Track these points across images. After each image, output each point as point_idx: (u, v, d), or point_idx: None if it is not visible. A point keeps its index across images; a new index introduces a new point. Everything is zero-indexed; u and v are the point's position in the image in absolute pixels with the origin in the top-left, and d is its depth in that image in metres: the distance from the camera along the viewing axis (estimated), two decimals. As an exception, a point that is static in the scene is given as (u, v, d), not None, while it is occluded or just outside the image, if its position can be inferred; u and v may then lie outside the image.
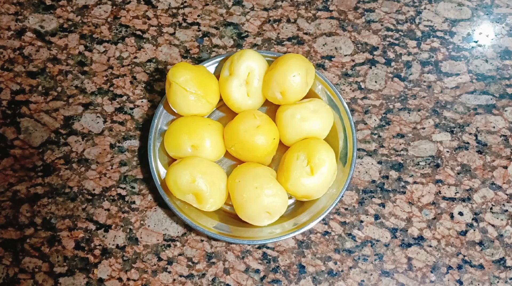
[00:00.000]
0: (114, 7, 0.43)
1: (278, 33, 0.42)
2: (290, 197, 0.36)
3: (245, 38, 0.42)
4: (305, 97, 0.37)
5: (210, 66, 0.39)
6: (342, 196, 0.36)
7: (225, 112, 0.39)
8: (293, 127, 0.35)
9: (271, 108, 0.38)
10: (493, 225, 0.36)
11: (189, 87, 0.35)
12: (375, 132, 0.39)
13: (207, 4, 0.43)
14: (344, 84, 0.40)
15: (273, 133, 0.35)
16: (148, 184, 0.37)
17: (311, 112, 0.35)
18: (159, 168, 0.36)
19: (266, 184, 0.33)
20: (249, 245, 0.35)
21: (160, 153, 0.37)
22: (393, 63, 0.41)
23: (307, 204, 0.36)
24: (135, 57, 0.41)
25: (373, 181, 0.37)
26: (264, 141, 0.35)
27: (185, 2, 0.43)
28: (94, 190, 0.37)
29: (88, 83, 0.40)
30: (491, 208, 0.37)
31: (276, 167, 0.37)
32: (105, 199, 0.37)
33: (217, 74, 0.38)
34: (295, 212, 0.36)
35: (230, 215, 0.36)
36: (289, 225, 0.35)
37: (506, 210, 0.37)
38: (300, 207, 0.36)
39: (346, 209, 0.37)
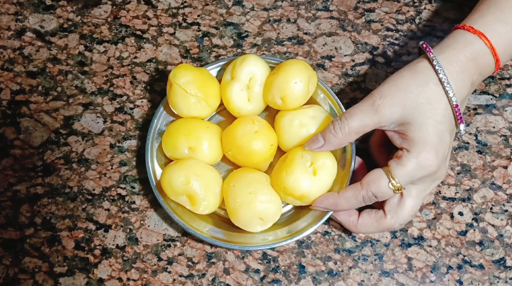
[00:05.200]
0: (114, 7, 0.42)
1: (278, 33, 0.41)
2: (284, 205, 0.35)
3: (245, 38, 0.41)
4: (306, 104, 0.36)
5: (213, 69, 0.38)
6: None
7: (225, 116, 0.38)
8: (291, 132, 0.34)
9: (271, 114, 0.37)
10: (493, 225, 0.35)
11: (190, 89, 0.34)
12: (375, 132, 0.37)
13: (207, 4, 0.42)
14: (344, 84, 0.39)
15: (271, 140, 0.34)
16: (148, 184, 0.36)
17: (310, 118, 0.34)
18: (155, 169, 0.35)
19: (261, 190, 0.33)
20: (240, 251, 0.34)
21: (158, 154, 0.36)
22: (393, 63, 0.40)
23: (302, 213, 0.34)
24: (135, 57, 0.40)
25: (373, 181, 0.36)
26: (261, 147, 0.34)
27: (185, 2, 0.42)
28: (94, 190, 0.36)
29: (88, 83, 0.39)
30: (491, 208, 0.36)
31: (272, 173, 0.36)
32: (105, 199, 0.36)
33: (219, 77, 0.37)
34: (290, 220, 0.35)
35: (223, 220, 0.35)
36: (283, 233, 0.34)
37: (506, 210, 0.36)
38: (295, 216, 0.35)
39: (346, 209, 0.35)
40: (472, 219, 0.35)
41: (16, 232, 0.35)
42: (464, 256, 0.34)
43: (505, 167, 0.37)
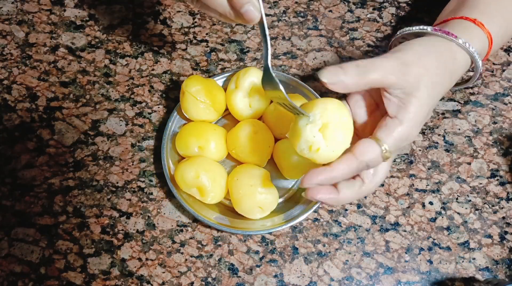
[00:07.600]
0: (134, 27, 0.45)
1: (275, 49, 0.44)
2: (280, 196, 0.37)
3: (246, 53, 0.43)
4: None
5: (219, 80, 0.40)
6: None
7: (229, 120, 0.40)
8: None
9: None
10: (458, 213, 0.38)
11: (200, 97, 0.36)
12: (358, 133, 0.41)
13: (214, 24, 0.45)
14: (331, 92, 0.41)
15: (269, 141, 0.37)
16: (163, 178, 0.38)
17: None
18: (170, 165, 0.37)
19: (260, 183, 0.34)
20: (242, 235, 0.36)
21: (171, 152, 0.38)
22: (373, 75, 0.43)
23: (295, 202, 0.37)
24: (153, 69, 0.43)
25: (356, 176, 0.39)
26: (260, 146, 0.36)
27: (195, 22, 0.45)
28: (117, 183, 0.38)
29: (112, 91, 0.42)
30: (456, 198, 0.38)
31: (270, 169, 0.38)
32: (127, 190, 0.38)
33: (225, 86, 0.40)
34: (285, 208, 0.37)
35: (228, 208, 0.37)
36: (279, 219, 0.35)
37: (470, 200, 0.38)
38: (289, 205, 0.37)
39: (333, 199, 0.39)
40: (441, 207, 0.38)
41: (51, 219, 0.37)
42: (434, 239, 0.37)
43: (469, 163, 0.39)
